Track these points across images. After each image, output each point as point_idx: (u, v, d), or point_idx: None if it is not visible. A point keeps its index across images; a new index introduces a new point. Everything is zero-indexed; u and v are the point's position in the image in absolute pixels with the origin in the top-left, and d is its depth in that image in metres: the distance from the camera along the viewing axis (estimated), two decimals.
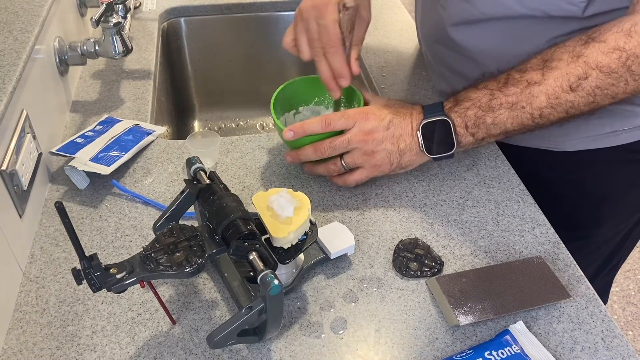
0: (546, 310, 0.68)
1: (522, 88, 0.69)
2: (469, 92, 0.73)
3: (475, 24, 0.80)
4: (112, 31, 0.99)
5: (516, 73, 0.70)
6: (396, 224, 0.79)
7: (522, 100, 0.69)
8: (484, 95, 0.71)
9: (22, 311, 0.67)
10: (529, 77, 0.69)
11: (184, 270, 0.56)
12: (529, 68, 0.69)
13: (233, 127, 1.54)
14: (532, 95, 0.68)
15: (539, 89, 0.68)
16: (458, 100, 0.74)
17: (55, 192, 0.84)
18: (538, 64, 0.69)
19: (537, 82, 0.68)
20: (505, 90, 0.70)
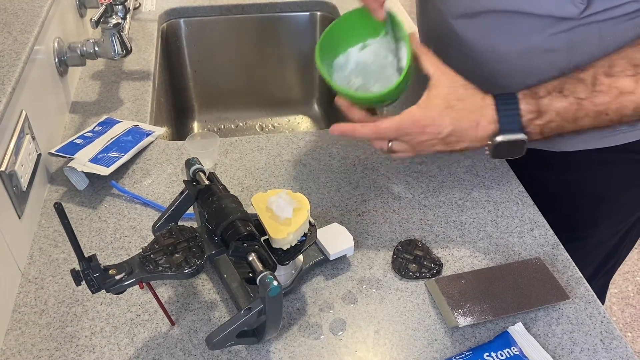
0: (545, 311, 0.68)
1: (613, 97, 0.65)
2: (555, 100, 0.66)
3: (475, 17, 0.79)
4: (111, 32, 0.99)
5: (604, 77, 0.65)
6: (395, 225, 0.80)
7: (610, 110, 0.65)
8: (570, 105, 0.66)
9: (20, 312, 0.67)
10: (621, 86, 0.64)
11: (183, 271, 0.56)
12: (619, 73, 0.65)
13: (232, 128, 1.54)
14: (622, 105, 0.65)
15: (631, 98, 0.64)
16: (542, 112, 0.66)
17: (55, 193, 0.84)
18: (628, 68, 0.65)
19: (630, 92, 0.64)
20: (594, 98, 0.65)
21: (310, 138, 0.96)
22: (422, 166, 0.90)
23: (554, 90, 0.66)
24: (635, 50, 0.66)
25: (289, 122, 1.56)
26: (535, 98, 0.66)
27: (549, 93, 0.66)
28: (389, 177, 0.87)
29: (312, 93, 1.57)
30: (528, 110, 0.66)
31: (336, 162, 0.91)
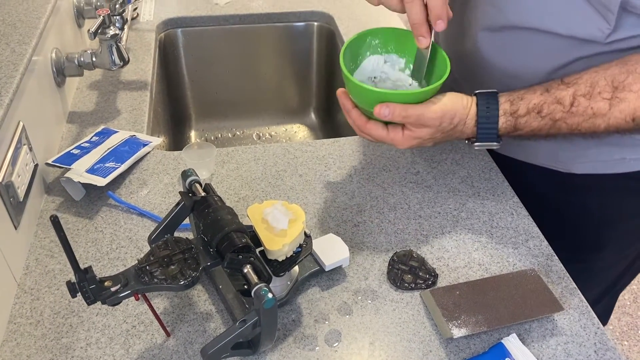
0: (539, 322, 0.68)
1: (587, 118, 0.68)
2: (532, 120, 0.70)
3: (498, 31, 0.78)
4: (109, 43, 1.00)
5: (584, 99, 0.68)
6: (391, 236, 0.80)
7: (582, 127, 0.69)
8: (545, 124, 0.70)
9: (16, 323, 0.67)
10: (596, 108, 0.68)
11: (178, 283, 0.56)
12: (597, 94, 0.67)
13: (229, 136, 1.55)
14: (594, 125, 0.68)
15: (603, 120, 0.68)
16: (517, 129, 0.71)
17: (51, 203, 0.84)
18: (607, 90, 0.67)
19: (603, 115, 0.68)
20: (568, 119, 0.69)
21: (306, 148, 0.96)
22: (417, 176, 0.90)
23: (533, 110, 0.70)
24: (621, 70, 0.67)
25: (285, 131, 1.57)
26: (514, 116, 0.70)
27: (528, 112, 0.70)
28: (384, 188, 0.88)
29: (309, 102, 1.57)
30: (504, 127, 0.71)
31: (332, 172, 0.91)
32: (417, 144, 0.71)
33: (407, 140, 0.70)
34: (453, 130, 0.71)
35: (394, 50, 0.76)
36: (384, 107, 0.66)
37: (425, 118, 0.68)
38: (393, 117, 0.67)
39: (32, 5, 0.92)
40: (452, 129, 0.71)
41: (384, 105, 0.66)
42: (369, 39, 0.76)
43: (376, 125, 0.70)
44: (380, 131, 0.70)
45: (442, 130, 0.70)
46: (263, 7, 1.42)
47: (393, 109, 0.66)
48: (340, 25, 1.36)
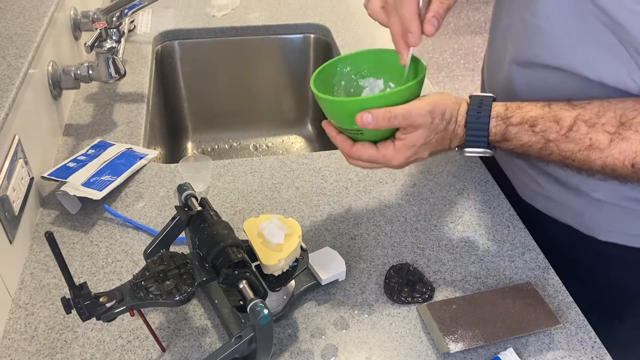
0: (536, 337, 0.68)
1: (582, 148, 0.62)
2: (523, 133, 0.65)
3: (531, 67, 0.73)
4: (105, 56, 1.00)
5: (584, 125, 0.62)
6: (387, 249, 0.80)
7: (576, 158, 0.63)
8: (537, 142, 0.64)
9: (10, 339, 0.67)
10: (595, 139, 0.61)
11: (173, 298, 0.56)
12: (601, 125, 0.61)
13: (226, 148, 1.55)
14: (589, 159, 0.62)
15: (599, 155, 0.61)
16: (507, 139, 0.66)
17: (47, 217, 0.84)
18: (612, 123, 0.61)
19: (601, 149, 0.61)
20: (561, 144, 0.63)
21: (302, 161, 0.96)
22: (414, 189, 0.90)
23: (527, 122, 0.65)
24: (635, 107, 0.61)
25: (282, 142, 1.57)
26: (505, 123, 0.65)
27: (521, 123, 0.65)
28: (381, 200, 0.88)
29: (306, 113, 1.58)
30: (494, 132, 0.66)
31: (329, 184, 0.91)
32: (412, 154, 0.66)
33: (401, 152, 0.65)
34: (446, 130, 0.66)
35: (369, 73, 0.72)
36: (366, 114, 0.61)
37: (414, 115, 0.62)
38: (378, 123, 0.61)
39: (28, 18, 0.93)
40: (445, 128, 0.65)
41: (365, 112, 0.61)
42: (339, 68, 0.72)
43: (363, 145, 0.66)
44: (370, 150, 0.66)
45: (436, 129, 0.65)
46: (260, 19, 1.43)
47: (376, 114, 0.61)
48: (336, 38, 1.37)
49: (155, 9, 1.46)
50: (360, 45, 1.34)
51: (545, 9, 0.68)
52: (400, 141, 0.65)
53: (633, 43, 0.60)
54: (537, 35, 0.70)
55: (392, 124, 0.62)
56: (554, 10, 0.67)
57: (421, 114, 0.62)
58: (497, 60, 0.82)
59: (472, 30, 3.70)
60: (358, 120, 0.62)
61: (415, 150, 0.65)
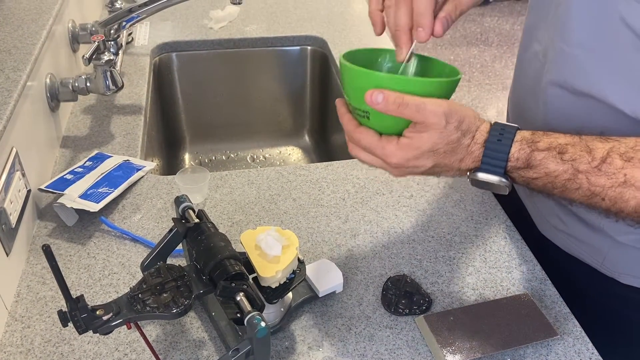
0: (534, 348, 0.68)
1: (615, 184, 0.55)
2: (550, 160, 0.57)
3: (562, 94, 0.70)
4: (103, 68, 1.00)
5: (619, 159, 0.55)
6: (385, 260, 0.80)
7: (607, 195, 0.56)
8: (564, 172, 0.57)
9: (6, 352, 0.66)
10: (630, 175, 0.55)
11: (170, 311, 0.56)
12: (638, 160, 0.55)
13: (224, 159, 1.55)
14: (622, 197, 0.56)
15: (635, 194, 0.55)
16: (530, 165, 0.58)
17: (44, 229, 0.83)
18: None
19: (637, 187, 0.55)
20: (592, 176, 0.56)
21: (300, 172, 0.97)
22: (411, 200, 0.90)
23: (555, 148, 0.58)
24: None
25: (280, 153, 1.57)
26: (530, 147, 0.58)
27: (549, 149, 0.58)
28: (378, 212, 0.88)
29: (303, 124, 1.58)
30: (517, 157, 0.58)
31: (326, 196, 0.91)
32: (413, 158, 0.58)
33: (403, 151, 0.58)
34: (459, 142, 0.58)
35: None
36: (377, 92, 0.55)
37: (427, 111, 0.55)
38: (387, 106, 0.55)
39: (27, 31, 0.93)
40: (457, 140, 0.58)
41: (376, 90, 0.55)
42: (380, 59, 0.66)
43: (367, 129, 0.59)
44: (371, 137, 0.59)
45: (447, 137, 0.57)
46: (257, 31, 1.44)
47: (388, 95, 0.55)
48: (333, 50, 1.38)
49: (153, 21, 1.47)
50: None
51: (580, 35, 0.64)
52: (405, 139, 0.58)
53: None
54: (569, 63, 0.67)
55: (402, 113, 0.56)
56: (588, 37, 0.64)
57: (436, 112, 0.56)
58: (525, 85, 0.78)
59: (467, 42, 3.73)
60: (367, 97, 0.55)
61: (418, 154, 0.58)
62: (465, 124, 0.58)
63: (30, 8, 1.01)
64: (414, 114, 0.56)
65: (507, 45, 3.65)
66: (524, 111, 0.80)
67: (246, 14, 1.52)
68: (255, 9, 1.55)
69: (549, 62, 0.71)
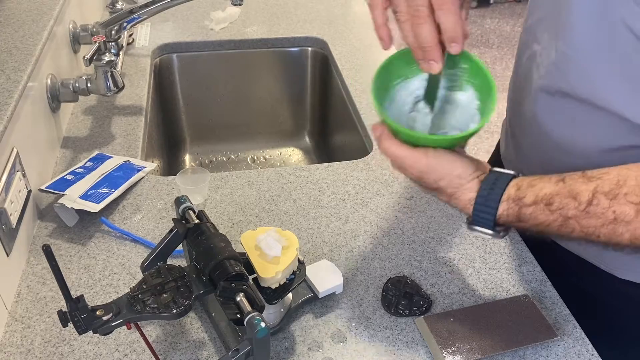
0: (534, 349, 0.68)
1: (606, 222, 0.56)
2: (539, 213, 0.59)
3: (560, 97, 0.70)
4: (104, 69, 1.00)
5: (604, 199, 0.56)
6: (385, 261, 0.80)
7: (601, 233, 0.57)
8: (554, 221, 0.59)
9: (6, 352, 0.66)
10: (619, 212, 0.56)
11: (170, 311, 0.56)
12: (623, 196, 0.56)
13: (224, 160, 1.55)
14: (615, 232, 0.57)
15: (627, 228, 0.56)
16: (521, 220, 0.60)
17: (44, 230, 0.83)
18: (635, 192, 0.56)
19: (627, 222, 0.56)
20: (582, 220, 0.57)
21: (300, 173, 0.97)
22: (411, 201, 0.90)
23: (542, 200, 0.59)
24: None
25: (280, 154, 1.57)
26: (518, 205, 0.60)
27: (536, 203, 0.59)
28: (378, 213, 0.88)
29: (304, 126, 1.58)
30: (506, 214, 0.60)
31: (326, 197, 0.91)
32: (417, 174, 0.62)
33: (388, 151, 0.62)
34: (440, 193, 0.63)
35: None
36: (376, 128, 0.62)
37: (406, 164, 0.61)
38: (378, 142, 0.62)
39: (28, 32, 0.93)
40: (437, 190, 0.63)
41: (378, 126, 0.62)
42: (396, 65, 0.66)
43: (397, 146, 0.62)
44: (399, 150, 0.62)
45: (425, 185, 0.63)
46: (258, 32, 1.44)
47: (380, 133, 0.62)
48: (334, 51, 1.38)
49: (154, 22, 1.47)
50: (356, 58, 1.34)
51: (579, 38, 0.64)
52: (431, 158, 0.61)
53: None
54: (570, 66, 0.67)
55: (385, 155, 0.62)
56: (588, 40, 0.64)
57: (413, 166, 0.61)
58: (523, 87, 0.79)
59: (468, 43, 3.72)
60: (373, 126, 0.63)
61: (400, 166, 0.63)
62: (443, 181, 0.62)
63: (31, 9, 1.01)
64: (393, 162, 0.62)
65: (508, 47, 3.66)
66: (520, 113, 0.80)
67: (247, 15, 1.52)
68: (256, 10, 1.55)
69: (548, 63, 0.71)
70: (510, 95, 0.87)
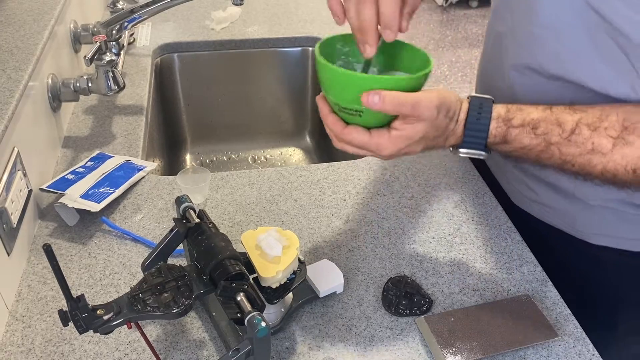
0: (534, 349, 0.68)
1: (584, 152, 0.61)
2: (524, 135, 0.63)
3: (529, 74, 0.74)
4: (105, 69, 1.01)
5: (586, 129, 0.61)
6: (385, 261, 0.80)
7: (576, 162, 0.62)
8: (537, 145, 0.63)
9: (7, 351, 0.66)
10: (597, 143, 0.60)
11: (171, 311, 0.56)
12: (603, 129, 0.60)
13: (225, 160, 1.55)
14: (590, 163, 0.61)
15: (601, 160, 0.61)
16: (507, 141, 0.64)
17: (45, 229, 0.84)
18: (615, 127, 0.60)
19: (603, 153, 0.60)
20: (564, 147, 0.62)
21: (301, 173, 0.97)
22: (411, 201, 0.90)
23: (529, 124, 0.63)
24: (637, 111, 0.61)
25: (281, 154, 1.57)
26: (506, 125, 0.63)
27: (523, 126, 0.63)
28: (379, 212, 0.88)
29: (304, 125, 1.58)
30: (494, 134, 0.63)
31: (327, 196, 0.91)
32: (405, 147, 0.61)
33: (395, 143, 0.60)
34: (446, 127, 0.63)
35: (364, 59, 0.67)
36: (373, 94, 0.56)
37: (422, 107, 0.58)
38: (384, 106, 0.57)
39: (29, 31, 0.93)
40: (446, 126, 0.62)
41: (372, 92, 0.57)
42: (339, 45, 0.68)
43: (356, 129, 0.61)
44: (362, 135, 0.61)
45: (438, 126, 0.61)
46: (259, 32, 1.44)
47: (384, 96, 0.56)
48: None
49: (154, 22, 1.47)
50: None
51: (546, 18, 0.68)
52: (397, 131, 0.60)
53: (636, 52, 0.61)
54: (539, 45, 0.70)
55: (399, 111, 0.58)
56: (555, 19, 0.67)
57: (429, 107, 0.58)
58: (495, 67, 0.81)
59: (469, 43, 3.73)
60: (364, 99, 0.57)
61: (410, 143, 0.61)
62: (451, 110, 0.62)
63: (32, 8, 1.01)
64: (410, 111, 0.58)
65: None
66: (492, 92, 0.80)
67: (247, 15, 1.52)
68: (257, 10, 1.55)
69: (518, 43, 0.74)
70: (480, 75, 0.91)
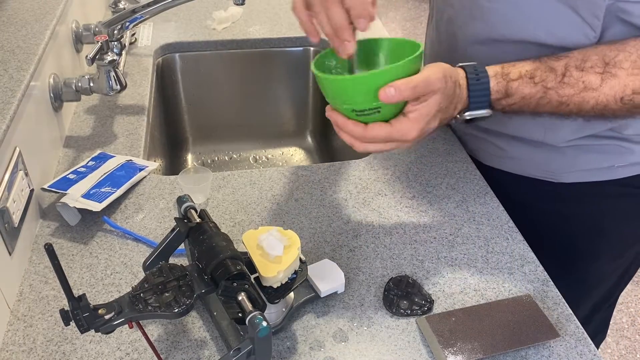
0: (536, 349, 0.68)
1: (578, 91, 0.68)
2: (523, 85, 0.69)
3: (491, 44, 0.80)
4: (106, 68, 1.01)
5: (575, 71, 0.68)
6: (386, 261, 0.80)
7: (572, 102, 0.69)
8: (537, 92, 0.69)
9: (8, 351, 0.67)
10: (587, 80, 0.68)
11: (172, 310, 0.56)
12: (589, 68, 0.68)
13: (226, 160, 1.55)
14: (584, 100, 0.68)
15: (593, 95, 0.68)
16: (509, 94, 0.69)
17: (46, 229, 0.84)
18: (599, 65, 0.68)
19: (594, 89, 0.68)
20: (560, 90, 0.69)
21: (302, 172, 0.97)
22: (413, 201, 0.90)
23: (526, 75, 0.69)
24: (610, 48, 0.68)
25: (282, 154, 1.57)
26: (505, 79, 0.69)
27: (521, 77, 0.69)
28: (380, 212, 0.88)
29: (306, 125, 1.58)
30: (496, 90, 0.69)
31: (328, 196, 0.91)
32: (425, 125, 0.64)
33: (416, 124, 0.64)
34: (454, 93, 0.66)
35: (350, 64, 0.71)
36: (388, 88, 0.60)
37: (433, 80, 0.62)
38: (401, 94, 0.60)
39: (30, 31, 0.94)
40: (453, 92, 0.66)
41: (386, 87, 0.60)
42: (326, 62, 0.72)
43: (377, 124, 0.64)
44: (384, 128, 0.64)
45: (448, 94, 0.65)
46: (260, 32, 1.44)
47: (398, 85, 0.60)
48: None
49: (156, 22, 1.47)
50: None
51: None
52: (413, 113, 0.63)
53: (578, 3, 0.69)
54: (497, 16, 0.77)
55: (415, 93, 0.61)
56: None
57: (439, 77, 0.63)
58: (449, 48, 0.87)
59: None
60: (382, 95, 0.60)
61: (429, 119, 0.65)
62: (454, 76, 0.66)
63: (34, 8, 1.01)
64: (424, 89, 0.62)
65: None
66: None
67: (249, 14, 1.52)
68: (258, 10, 1.55)
69: (472, 19, 0.80)
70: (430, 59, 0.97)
